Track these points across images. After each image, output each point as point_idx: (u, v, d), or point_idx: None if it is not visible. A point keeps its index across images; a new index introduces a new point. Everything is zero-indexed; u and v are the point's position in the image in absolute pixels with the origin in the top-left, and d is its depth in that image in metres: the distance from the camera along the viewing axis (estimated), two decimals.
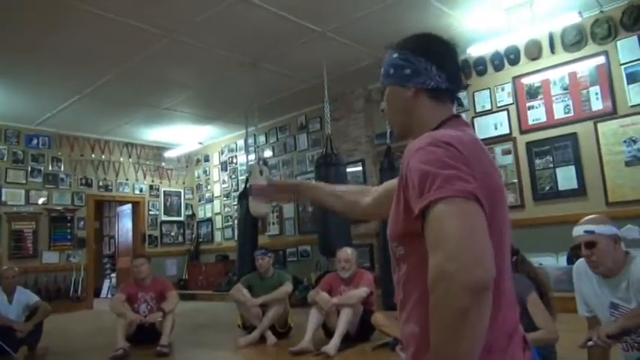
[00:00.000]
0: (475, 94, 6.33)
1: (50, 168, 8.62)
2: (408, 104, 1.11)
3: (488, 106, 6.23)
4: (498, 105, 6.14)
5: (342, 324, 3.95)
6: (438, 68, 1.08)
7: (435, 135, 0.97)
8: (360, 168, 7.43)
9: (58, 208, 8.58)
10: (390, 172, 6.07)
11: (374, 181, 7.17)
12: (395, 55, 1.14)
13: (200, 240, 10.43)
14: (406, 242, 1.00)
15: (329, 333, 4.13)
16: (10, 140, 8.21)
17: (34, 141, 8.48)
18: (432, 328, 0.82)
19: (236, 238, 7.85)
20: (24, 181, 8.27)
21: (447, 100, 1.11)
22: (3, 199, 7.97)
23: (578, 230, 2.14)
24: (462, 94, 4.31)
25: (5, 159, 8.12)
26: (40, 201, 8.41)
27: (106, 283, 11.42)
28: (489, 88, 6.21)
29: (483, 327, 0.81)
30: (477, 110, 6.31)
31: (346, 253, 4.38)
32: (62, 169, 8.78)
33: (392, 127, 1.19)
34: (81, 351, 4.81)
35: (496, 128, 6.12)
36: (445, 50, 1.12)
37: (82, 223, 8.88)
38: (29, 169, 8.37)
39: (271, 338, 4.50)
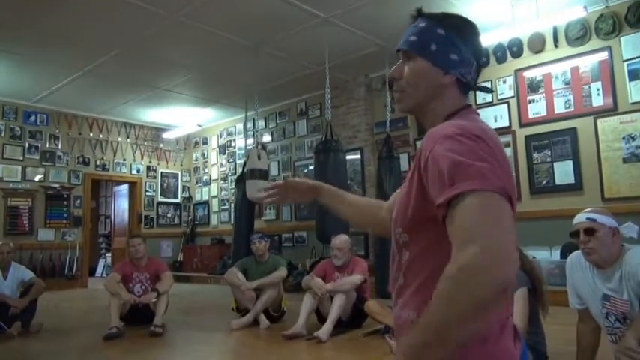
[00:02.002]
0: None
1: (48, 145, 8.59)
2: (437, 88, 1.06)
3: (489, 98, 6.21)
4: (499, 97, 6.13)
5: (335, 310, 3.99)
6: (476, 62, 1.06)
7: (463, 126, 0.94)
8: (358, 156, 7.43)
9: (55, 185, 8.56)
10: (389, 160, 6.09)
11: (372, 169, 7.18)
12: (440, 32, 1.06)
13: (196, 223, 10.45)
14: (413, 229, 1.00)
15: (322, 318, 4.17)
16: (7, 116, 8.17)
17: (32, 118, 8.44)
18: (440, 308, 0.80)
19: (232, 222, 7.87)
20: (21, 158, 8.24)
21: (467, 91, 1.09)
22: (0, 175, 7.95)
23: (580, 217, 2.17)
24: None
25: (3, 135, 8.08)
26: (37, 178, 8.39)
27: (101, 263, 11.47)
28: (491, 80, 6.19)
29: (489, 321, 0.82)
30: (478, 102, 6.29)
31: (341, 240, 4.40)
32: (60, 147, 8.74)
33: (403, 98, 1.11)
34: (75, 328, 4.83)
35: (496, 121, 6.11)
36: (479, 42, 1.10)
37: (78, 201, 8.87)
38: (27, 145, 8.33)
39: (264, 322, 4.53)
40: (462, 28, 1.08)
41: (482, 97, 6.26)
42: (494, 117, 6.12)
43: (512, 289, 1.02)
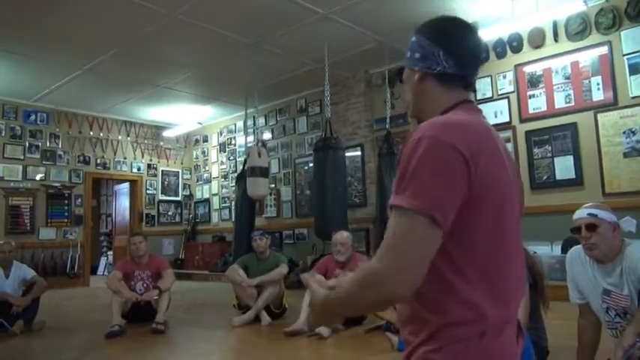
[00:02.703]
0: (476, 81, 6.28)
1: (48, 144, 8.59)
2: (417, 87, 1.13)
3: (489, 94, 6.20)
4: (499, 93, 6.12)
5: None
6: (446, 53, 1.08)
7: (438, 121, 0.98)
8: (358, 153, 7.42)
9: (56, 184, 8.57)
10: (389, 157, 6.09)
11: (372, 166, 7.17)
12: (413, 39, 1.15)
13: (197, 220, 10.46)
14: None
15: None
16: (8, 115, 8.17)
17: (33, 117, 8.44)
18: (348, 285, 0.96)
19: (233, 219, 7.87)
20: (22, 157, 8.25)
21: (458, 86, 1.11)
22: (0, 174, 7.96)
23: (581, 213, 2.16)
24: None
25: (3, 134, 8.08)
26: (38, 177, 8.40)
27: (103, 261, 11.49)
28: (491, 76, 6.18)
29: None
30: (478, 98, 6.28)
31: (342, 236, 4.40)
32: (60, 145, 8.75)
33: (406, 106, 1.22)
34: (77, 326, 4.84)
35: (496, 116, 6.10)
36: (458, 36, 1.11)
37: (79, 200, 8.88)
38: (27, 144, 8.34)
39: (266, 318, 4.54)
40: (429, 27, 1.14)
41: (482, 92, 6.25)
42: (495, 112, 6.11)
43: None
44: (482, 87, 6.25)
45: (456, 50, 1.09)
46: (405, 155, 0.94)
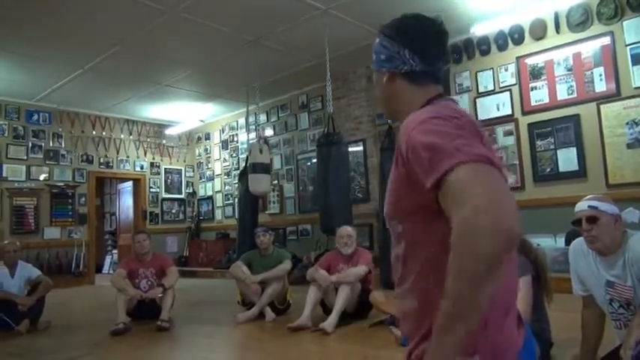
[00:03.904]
0: (478, 74, 6.27)
1: (51, 144, 8.62)
2: (387, 88, 1.14)
3: (490, 87, 6.18)
4: (501, 85, 6.09)
5: (340, 301, 3.99)
6: (411, 52, 1.09)
7: (435, 110, 0.98)
8: (361, 148, 7.41)
9: (59, 184, 8.60)
10: (391, 152, 6.07)
11: (374, 161, 7.16)
12: (377, 41, 1.16)
13: (200, 218, 10.48)
14: (404, 219, 1.01)
15: (327, 310, 4.18)
16: (10, 116, 8.19)
17: (35, 117, 8.46)
18: (452, 276, 0.81)
19: (236, 216, 7.89)
20: (25, 157, 8.27)
21: (428, 82, 1.11)
22: (4, 174, 7.99)
23: (581, 205, 2.15)
24: (464, 75, 4.33)
25: (6, 134, 8.11)
26: (42, 177, 8.43)
27: (108, 259, 11.52)
28: (492, 68, 6.15)
29: (501, 281, 0.83)
30: (480, 90, 6.26)
31: (347, 230, 4.42)
32: (63, 145, 8.77)
33: (381, 109, 1.24)
34: (82, 325, 4.87)
35: (498, 109, 6.08)
36: (421, 32, 1.11)
37: (83, 199, 8.91)
38: (30, 144, 8.36)
39: (270, 314, 4.55)
40: (391, 28, 1.14)
41: (484, 85, 6.23)
42: (497, 105, 6.09)
43: (514, 271, 1.03)
44: (484, 80, 6.23)
45: (421, 47, 1.09)
46: (416, 140, 0.91)
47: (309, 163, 8.27)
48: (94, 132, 9.26)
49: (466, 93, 6.37)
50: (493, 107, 6.11)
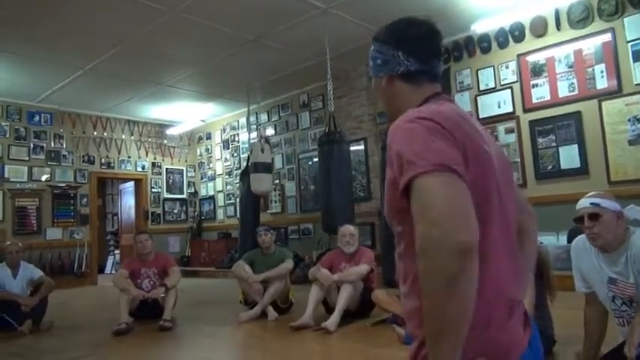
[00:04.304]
0: (479, 71, 6.26)
1: (52, 145, 8.63)
2: (387, 92, 1.16)
3: (492, 84, 6.17)
4: (502, 83, 6.08)
5: (343, 300, 3.99)
6: (406, 53, 1.12)
7: (410, 112, 1.00)
8: (362, 146, 7.40)
9: (61, 185, 8.61)
10: None
11: (376, 159, 7.16)
12: (372, 49, 1.19)
13: (202, 217, 10.49)
14: (401, 220, 1.02)
15: (329, 309, 4.18)
16: (12, 117, 8.20)
17: (36, 118, 8.47)
18: (422, 294, 0.85)
19: (238, 216, 7.89)
20: (26, 158, 8.29)
21: (424, 81, 1.13)
22: (6, 175, 8.00)
23: (583, 202, 2.14)
24: (465, 73, 4.33)
25: (7, 136, 8.12)
26: (43, 178, 8.44)
27: (110, 260, 11.55)
28: (493, 66, 6.15)
29: (471, 292, 0.83)
30: (481, 88, 6.25)
31: (349, 228, 4.43)
32: (64, 146, 8.79)
33: (385, 112, 1.26)
34: (85, 325, 4.87)
35: (499, 107, 6.07)
36: (413, 33, 1.14)
37: (85, 200, 8.93)
38: (31, 145, 8.38)
39: (272, 314, 4.55)
40: (384, 33, 1.17)
41: (484, 83, 6.22)
42: (498, 103, 6.09)
43: (517, 267, 1.03)
44: (485, 77, 6.22)
45: (414, 47, 1.12)
46: (392, 146, 0.96)
47: (310, 163, 8.27)
48: (95, 132, 9.27)
49: (467, 91, 6.36)
50: (494, 105, 6.10)
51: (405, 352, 3.25)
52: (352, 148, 6.79)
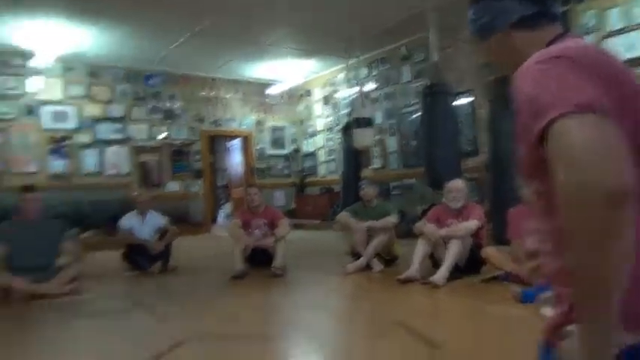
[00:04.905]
0: (605, 12, 5.61)
1: (168, 105, 9.29)
2: (504, 50, 1.07)
3: (618, 25, 5.50)
4: (634, 22, 5.40)
5: (451, 256, 3.93)
6: None
7: (538, 54, 0.90)
8: (468, 99, 7.05)
9: (177, 142, 9.31)
10: (501, 102, 5.71)
11: (483, 112, 6.80)
12: (471, 12, 1.11)
13: (305, 173, 10.79)
14: (539, 174, 0.94)
15: (436, 264, 4.14)
16: (131, 80, 8.91)
17: (152, 80, 9.12)
18: (568, 253, 0.76)
19: (339, 172, 8.01)
20: (146, 117, 9.03)
21: (544, 23, 1.02)
22: (130, 133, 8.80)
23: None
24: (589, 14, 3.85)
25: (130, 97, 8.87)
26: (161, 136, 9.16)
27: (221, 212, 12.35)
28: (621, 4, 5.46)
29: (628, 245, 0.72)
30: (608, 30, 5.61)
31: (458, 183, 4.30)
32: (178, 106, 9.42)
33: (505, 71, 1.12)
34: (205, 269, 5.35)
35: (629, 50, 5.42)
36: None
37: (197, 156, 9.59)
38: (150, 106, 9.08)
39: (377, 265, 4.62)
40: None
41: (612, 24, 5.56)
42: (627, 46, 5.43)
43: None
44: (613, 18, 5.56)
45: None
46: (522, 91, 0.86)
47: (411, 117, 8.08)
48: (203, 93, 9.79)
49: (592, 34, 5.75)
50: (623, 49, 5.46)
51: (519, 309, 3.15)
52: (458, 101, 6.51)
